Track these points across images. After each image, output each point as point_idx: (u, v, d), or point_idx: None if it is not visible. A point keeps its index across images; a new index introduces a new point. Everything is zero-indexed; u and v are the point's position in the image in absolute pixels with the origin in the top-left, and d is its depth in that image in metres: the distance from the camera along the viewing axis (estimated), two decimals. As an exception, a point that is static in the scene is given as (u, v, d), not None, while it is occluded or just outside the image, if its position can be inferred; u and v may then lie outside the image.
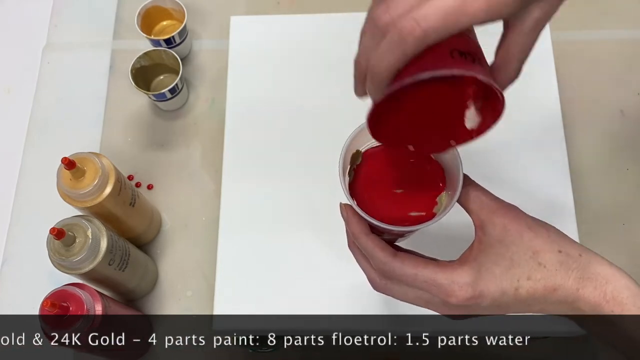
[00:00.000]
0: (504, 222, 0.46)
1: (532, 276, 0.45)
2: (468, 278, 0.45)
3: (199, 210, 0.78)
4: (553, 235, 0.47)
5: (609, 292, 0.45)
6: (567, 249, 0.46)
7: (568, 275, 0.45)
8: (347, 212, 0.50)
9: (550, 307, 0.46)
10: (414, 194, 0.52)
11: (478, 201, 0.48)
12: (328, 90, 0.75)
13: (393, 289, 0.49)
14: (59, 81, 0.86)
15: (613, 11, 0.86)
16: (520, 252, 0.45)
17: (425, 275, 0.46)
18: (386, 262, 0.47)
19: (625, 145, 0.78)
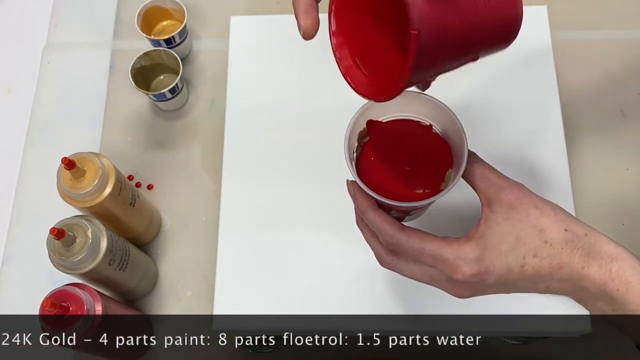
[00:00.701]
0: (510, 199, 0.47)
1: (538, 254, 0.45)
2: (474, 254, 0.45)
3: (199, 210, 0.78)
4: (559, 214, 0.47)
5: (614, 271, 0.45)
6: (574, 227, 0.46)
7: (574, 254, 0.46)
8: (353, 188, 0.50)
9: (555, 284, 0.47)
10: (421, 171, 0.52)
11: (485, 179, 0.48)
12: (328, 90, 0.75)
13: (399, 265, 0.49)
14: (59, 81, 0.86)
15: (613, 11, 0.86)
16: (527, 229, 0.46)
17: (431, 249, 0.46)
18: (393, 236, 0.47)
19: (625, 145, 0.78)
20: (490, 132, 0.73)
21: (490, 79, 0.76)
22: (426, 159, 0.52)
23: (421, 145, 0.53)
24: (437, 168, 0.52)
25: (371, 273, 0.66)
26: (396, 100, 0.49)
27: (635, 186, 0.76)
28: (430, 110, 0.51)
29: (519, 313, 0.63)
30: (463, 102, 0.73)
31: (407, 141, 0.53)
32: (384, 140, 0.53)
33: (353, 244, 0.67)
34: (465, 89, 0.73)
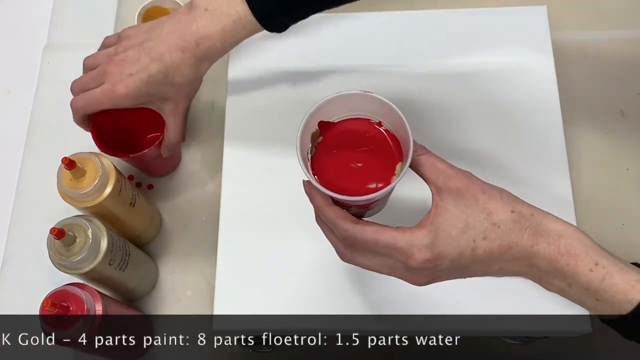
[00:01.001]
0: (458, 186, 0.48)
1: (488, 236, 0.47)
2: (426, 240, 0.47)
3: (199, 210, 0.78)
4: (506, 197, 0.49)
5: (562, 246, 0.47)
6: (520, 208, 0.48)
7: (522, 233, 0.47)
8: (308, 187, 0.53)
9: (508, 265, 0.48)
10: (372, 167, 0.53)
11: (434, 169, 0.50)
12: (327, 90, 0.75)
13: (358, 258, 0.51)
14: (59, 81, 0.86)
15: (613, 11, 0.86)
16: (475, 214, 0.47)
17: (385, 239, 0.48)
18: (347, 229, 0.49)
19: (625, 145, 0.78)
20: (490, 132, 0.73)
21: (490, 78, 0.76)
22: (377, 155, 0.54)
23: (371, 141, 0.55)
24: (388, 162, 0.54)
25: (372, 273, 0.66)
26: (345, 100, 0.53)
27: (635, 186, 0.76)
28: (378, 107, 0.53)
29: (519, 313, 0.63)
30: (462, 102, 0.73)
31: (358, 139, 0.55)
32: (336, 139, 0.55)
33: (353, 244, 0.67)
34: (465, 89, 0.74)
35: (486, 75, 0.76)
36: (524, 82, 0.76)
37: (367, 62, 0.76)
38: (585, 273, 0.46)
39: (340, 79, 0.76)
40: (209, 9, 0.60)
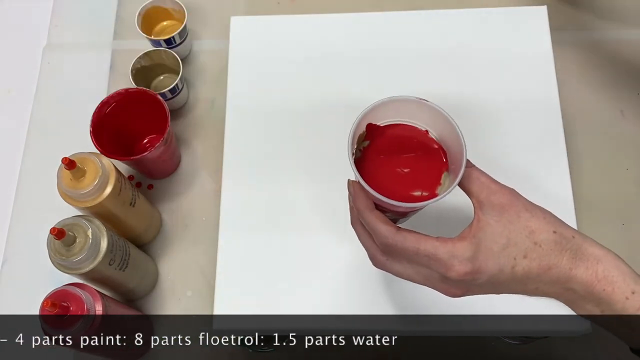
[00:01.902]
0: (502, 202, 0.48)
1: (528, 255, 0.47)
2: (468, 253, 0.47)
3: (199, 210, 0.78)
4: (548, 217, 0.48)
5: (600, 272, 0.47)
6: (562, 230, 0.48)
7: (562, 255, 0.47)
8: (353, 187, 0.52)
9: (544, 286, 0.48)
10: (418, 174, 0.53)
11: (478, 183, 0.49)
12: (328, 90, 0.75)
13: (393, 265, 0.50)
14: (59, 81, 0.86)
15: (613, 11, 0.86)
16: (517, 231, 0.47)
17: (426, 249, 0.47)
18: (389, 236, 0.49)
19: (625, 145, 0.78)
20: (490, 132, 0.73)
21: (490, 78, 0.76)
22: (423, 163, 0.54)
23: (418, 149, 0.54)
24: (434, 171, 0.53)
25: (371, 273, 0.66)
26: (397, 105, 0.52)
27: (635, 186, 0.76)
28: (431, 116, 0.53)
29: (519, 313, 0.63)
30: (462, 102, 0.73)
31: (405, 145, 0.54)
32: (383, 143, 0.54)
33: (353, 244, 0.67)
34: (465, 89, 0.74)
35: (486, 75, 0.76)
36: (524, 82, 0.76)
37: (367, 62, 0.76)
38: (621, 301, 0.46)
39: (340, 78, 0.76)
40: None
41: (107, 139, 0.72)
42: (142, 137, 0.79)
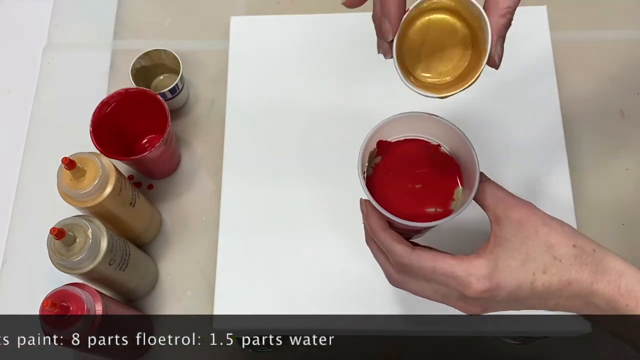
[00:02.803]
0: (519, 217, 0.47)
1: (548, 270, 0.46)
2: (485, 270, 0.46)
3: (199, 210, 0.78)
4: (567, 230, 0.47)
5: (623, 286, 0.45)
6: (582, 243, 0.47)
7: (582, 270, 0.46)
8: (366, 207, 0.51)
9: (565, 301, 0.47)
10: (431, 190, 0.53)
11: (494, 197, 0.48)
12: (328, 90, 0.75)
13: (410, 283, 0.49)
14: (59, 81, 0.86)
15: (613, 11, 0.86)
16: (536, 246, 0.46)
17: (443, 267, 0.46)
18: (404, 256, 0.48)
19: (625, 145, 0.78)
20: (490, 132, 0.73)
21: (490, 78, 0.76)
22: (436, 178, 0.53)
23: (430, 164, 0.54)
24: (447, 187, 0.53)
25: (371, 273, 0.66)
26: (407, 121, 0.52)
27: (635, 186, 0.76)
28: (442, 131, 0.52)
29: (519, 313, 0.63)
30: (462, 102, 0.73)
31: (417, 161, 0.54)
32: (394, 160, 0.54)
33: (353, 244, 0.67)
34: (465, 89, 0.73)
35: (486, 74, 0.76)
36: (524, 81, 0.76)
37: (367, 62, 0.76)
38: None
39: (340, 78, 0.76)
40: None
41: (107, 139, 0.72)
42: (142, 137, 0.79)
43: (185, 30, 0.88)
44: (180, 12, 0.90)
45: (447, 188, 0.52)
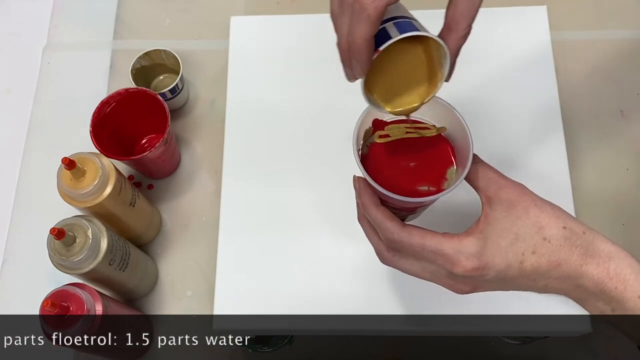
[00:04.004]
0: (510, 197, 0.47)
1: (537, 250, 0.46)
2: (474, 248, 0.46)
3: (199, 210, 0.78)
4: (558, 212, 0.47)
5: (612, 269, 0.46)
6: (572, 225, 0.47)
7: (572, 251, 0.46)
8: (359, 183, 0.51)
9: (554, 282, 0.47)
10: (424, 169, 0.53)
11: (486, 178, 0.49)
12: (328, 90, 0.75)
13: (400, 261, 0.50)
14: (59, 81, 0.86)
15: (613, 11, 0.86)
16: (526, 226, 0.46)
17: (432, 244, 0.47)
18: (394, 232, 0.48)
19: (625, 145, 0.78)
20: (490, 131, 0.73)
21: (490, 78, 0.76)
22: (429, 158, 0.54)
23: (424, 144, 0.54)
24: (440, 166, 0.53)
25: (371, 273, 0.66)
26: None
27: (635, 186, 0.76)
28: (437, 111, 0.53)
29: (518, 313, 0.63)
30: (462, 101, 0.73)
31: (412, 140, 0.54)
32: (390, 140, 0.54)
33: (353, 244, 0.67)
34: (465, 89, 0.73)
35: (486, 74, 0.76)
36: (524, 82, 0.76)
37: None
38: (633, 299, 0.45)
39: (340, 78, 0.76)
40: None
41: (107, 139, 0.72)
42: (142, 137, 0.79)
43: (185, 30, 0.88)
44: (180, 12, 0.90)
45: (440, 167, 0.53)
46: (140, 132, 0.79)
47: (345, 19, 0.45)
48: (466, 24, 0.46)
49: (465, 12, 0.46)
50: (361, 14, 0.43)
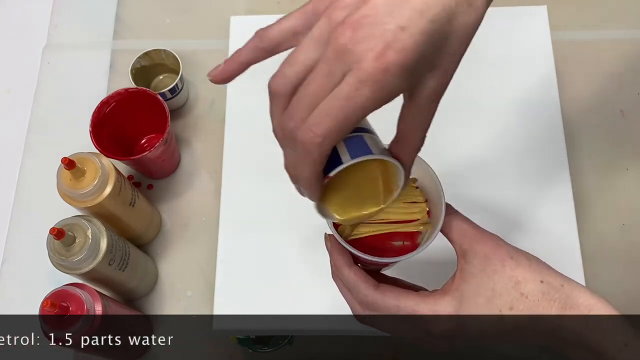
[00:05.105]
0: (485, 250, 0.46)
1: (515, 306, 0.45)
2: (450, 308, 0.45)
3: (199, 210, 0.78)
4: (534, 264, 0.46)
5: (591, 321, 0.44)
6: (549, 279, 0.46)
7: (550, 305, 0.45)
8: (330, 243, 0.50)
9: (533, 336, 0.46)
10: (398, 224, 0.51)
11: (460, 230, 0.47)
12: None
13: (375, 320, 0.49)
14: (59, 81, 0.86)
15: (613, 11, 0.86)
16: (502, 281, 0.45)
17: (407, 306, 0.46)
18: (367, 295, 0.47)
19: (625, 145, 0.78)
20: (490, 132, 0.73)
21: (491, 78, 0.76)
22: None
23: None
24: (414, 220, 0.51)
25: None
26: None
27: (635, 186, 0.76)
28: None
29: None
30: (462, 102, 0.73)
31: None
32: None
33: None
34: (465, 89, 0.73)
35: (486, 74, 0.76)
36: (524, 82, 0.76)
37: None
38: (613, 353, 0.44)
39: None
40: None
41: (107, 138, 0.72)
42: (141, 137, 0.79)
43: (185, 30, 0.88)
44: (180, 12, 0.90)
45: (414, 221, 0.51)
46: (140, 132, 0.79)
47: (289, 151, 0.41)
48: (418, 136, 0.42)
49: (417, 125, 0.42)
50: (306, 155, 0.39)
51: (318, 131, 0.38)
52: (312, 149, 0.38)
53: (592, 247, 0.72)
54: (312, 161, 0.39)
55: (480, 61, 0.76)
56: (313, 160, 0.39)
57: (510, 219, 0.71)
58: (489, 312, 0.45)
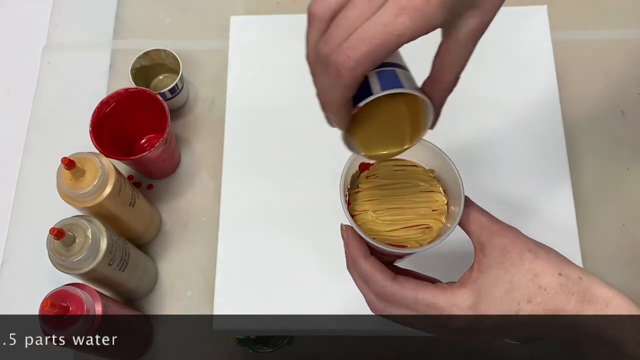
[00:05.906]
0: (503, 243, 0.46)
1: (533, 299, 0.45)
2: (468, 300, 0.45)
3: (199, 210, 0.78)
4: (553, 257, 0.46)
5: (609, 315, 0.44)
6: (568, 271, 0.45)
7: (568, 299, 0.45)
8: (347, 233, 0.50)
9: (551, 330, 0.46)
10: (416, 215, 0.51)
11: (477, 222, 0.47)
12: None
13: (392, 312, 0.48)
14: (59, 81, 0.86)
15: (613, 11, 0.86)
16: (520, 274, 0.45)
17: (425, 298, 0.46)
18: (385, 286, 0.47)
19: (625, 145, 0.78)
20: (490, 132, 0.73)
21: (491, 78, 0.76)
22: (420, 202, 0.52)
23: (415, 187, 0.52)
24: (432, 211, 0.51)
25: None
26: None
27: (636, 186, 0.76)
28: (425, 153, 0.51)
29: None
30: (461, 102, 0.73)
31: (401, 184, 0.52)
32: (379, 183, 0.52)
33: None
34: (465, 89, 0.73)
35: (486, 74, 0.76)
36: (524, 82, 0.76)
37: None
38: (632, 346, 0.44)
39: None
40: None
41: (107, 138, 0.72)
42: (141, 137, 0.79)
43: (185, 30, 0.88)
44: (180, 12, 0.90)
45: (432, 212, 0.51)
46: (140, 132, 0.79)
47: (321, 76, 0.41)
48: (453, 76, 0.43)
49: (453, 64, 0.42)
50: (337, 79, 0.39)
51: (352, 55, 0.38)
52: (344, 73, 0.38)
53: (592, 247, 0.72)
54: (344, 85, 0.39)
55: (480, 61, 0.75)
56: (344, 84, 0.39)
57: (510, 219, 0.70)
58: (507, 304, 0.45)
